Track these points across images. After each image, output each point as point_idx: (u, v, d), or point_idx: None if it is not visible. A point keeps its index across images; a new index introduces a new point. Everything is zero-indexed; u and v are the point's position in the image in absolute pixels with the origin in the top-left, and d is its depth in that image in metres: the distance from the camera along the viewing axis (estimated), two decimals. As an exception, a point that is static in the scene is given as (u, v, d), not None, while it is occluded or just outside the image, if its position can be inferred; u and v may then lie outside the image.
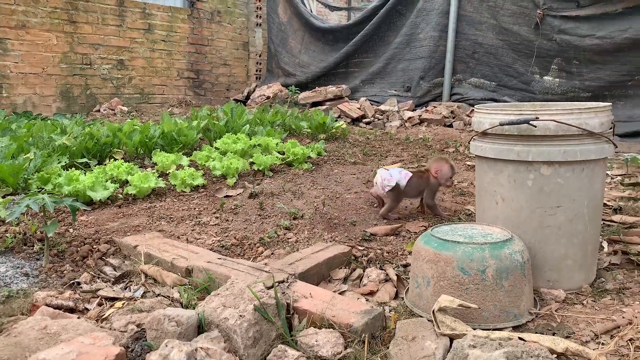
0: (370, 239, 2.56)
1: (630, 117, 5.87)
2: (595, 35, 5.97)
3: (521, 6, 6.39)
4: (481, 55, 6.80)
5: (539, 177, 1.94)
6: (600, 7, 5.96)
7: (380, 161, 4.44)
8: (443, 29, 6.89)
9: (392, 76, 7.45)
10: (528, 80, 6.50)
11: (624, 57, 5.90)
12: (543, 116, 1.87)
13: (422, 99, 7.12)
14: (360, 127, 6.51)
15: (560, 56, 6.28)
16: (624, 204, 3.10)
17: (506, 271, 1.72)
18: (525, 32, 6.41)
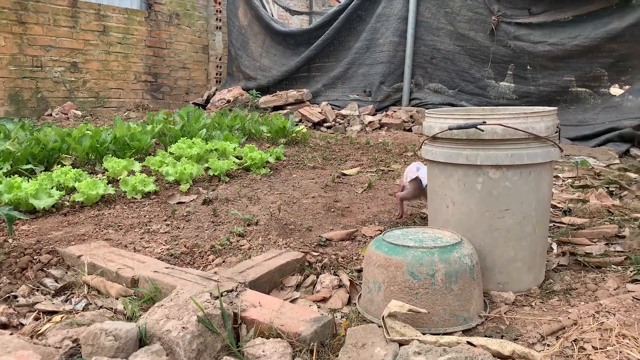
0: (326, 245, 2.53)
1: (581, 121, 6.06)
2: (547, 42, 6.15)
3: (477, 13, 6.53)
4: (439, 61, 6.90)
5: (488, 181, 1.95)
6: (551, 15, 6.15)
7: (340, 165, 4.43)
8: (402, 35, 6.97)
9: (353, 81, 7.48)
10: (484, 86, 6.64)
11: (574, 63, 6.10)
12: (490, 120, 1.88)
13: (382, 104, 7.17)
14: (321, 131, 6.50)
15: (514, 62, 6.45)
16: (574, 206, 3.18)
17: (455, 275, 1.72)
18: (481, 38, 6.55)
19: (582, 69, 6.08)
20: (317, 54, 7.81)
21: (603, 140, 5.62)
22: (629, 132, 5.52)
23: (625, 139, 5.54)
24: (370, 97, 7.26)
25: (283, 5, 9.05)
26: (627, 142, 5.54)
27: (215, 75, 9.23)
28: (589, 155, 5.14)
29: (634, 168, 4.46)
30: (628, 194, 3.52)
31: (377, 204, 3.26)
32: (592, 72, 6.07)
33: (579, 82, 6.16)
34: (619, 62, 5.89)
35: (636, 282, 2.00)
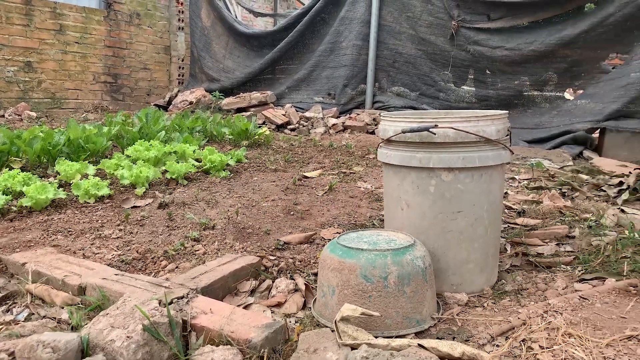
0: (284, 248, 2.51)
1: (537, 125, 6.24)
2: (505, 47, 6.30)
3: (437, 17, 6.63)
4: (401, 65, 6.98)
5: (441, 183, 1.97)
6: (509, 21, 6.31)
7: (302, 168, 4.41)
8: (365, 38, 7.02)
9: (317, 83, 7.48)
10: (445, 89, 6.76)
11: (530, 68, 6.28)
12: (442, 124, 1.90)
13: (346, 106, 7.19)
14: (284, 133, 6.47)
15: (473, 66, 6.58)
16: (528, 207, 3.25)
17: (408, 277, 1.73)
18: (441, 43, 6.66)
19: (538, 74, 6.26)
20: (281, 56, 7.78)
21: (558, 142, 5.80)
22: (582, 135, 5.71)
23: (579, 142, 5.73)
24: (334, 99, 7.28)
25: (246, 6, 8.98)
26: (581, 145, 5.73)
27: (178, 76, 9.08)
28: (544, 158, 5.30)
29: (586, 170, 4.62)
30: (579, 195, 3.63)
31: (338, 206, 3.26)
32: (547, 77, 6.26)
33: (535, 87, 6.35)
34: (572, 67, 6.09)
35: (583, 282, 2.06)
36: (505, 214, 3.15)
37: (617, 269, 2.09)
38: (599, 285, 1.99)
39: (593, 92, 5.91)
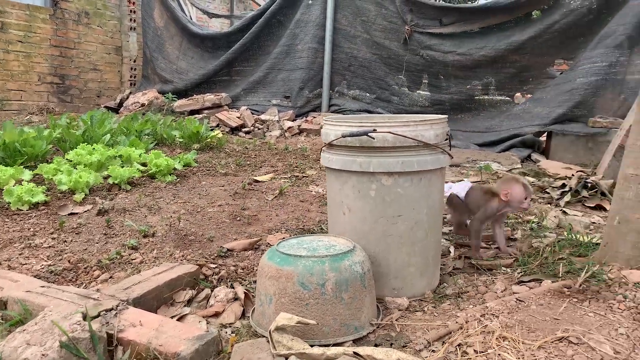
0: (227, 255, 2.44)
1: (488, 128, 6.38)
2: (456, 52, 6.43)
3: (391, 22, 6.70)
4: (357, 68, 7.01)
5: (381, 188, 1.96)
6: (460, 26, 6.44)
7: (254, 172, 4.35)
8: (320, 41, 7.01)
9: (273, 86, 7.42)
10: (399, 93, 6.83)
11: (481, 73, 6.42)
12: (381, 128, 1.89)
13: (302, 109, 7.16)
14: (239, 136, 6.37)
15: (427, 71, 6.68)
16: (474, 210, 3.29)
17: (346, 283, 1.70)
18: (395, 47, 6.73)
19: (489, 79, 6.41)
20: (236, 57, 7.67)
21: (507, 146, 5.94)
22: (530, 138, 5.88)
23: (527, 145, 5.90)
24: (291, 102, 7.24)
25: (200, 7, 8.82)
26: (529, 148, 5.89)
27: (130, 77, 8.82)
28: (494, 161, 5.41)
29: (533, 172, 4.74)
30: (524, 197, 3.71)
31: (287, 211, 3.21)
32: (497, 82, 6.42)
33: (486, 91, 6.49)
34: (521, 72, 6.27)
35: (522, 284, 2.09)
36: (452, 216, 3.19)
37: (553, 271, 2.13)
38: (536, 287, 2.02)
39: (540, 96, 6.09)
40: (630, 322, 1.70)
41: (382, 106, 6.87)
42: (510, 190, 2.32)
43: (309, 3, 7.05)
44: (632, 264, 2.05)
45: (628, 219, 2.07)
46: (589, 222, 3.07)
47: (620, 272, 2.00)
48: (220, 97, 6.98)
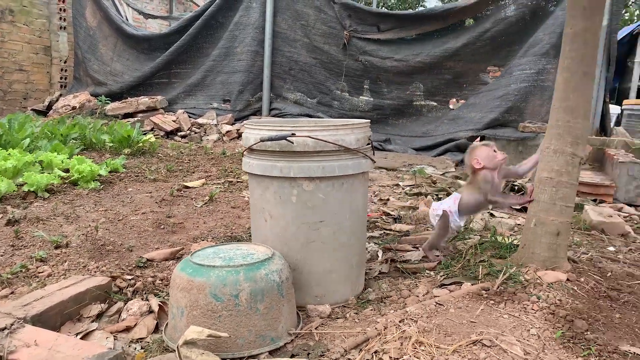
0: (146, 266, 2.32)
1: (425, 133, 6.53)
2: (394, 58, 6.53)
3: (330, 27, 6.72)
4: (297, 72, 6.98)
5: (302, 193, 1.92)
6: (397, 33, 6.55)
7: (186, 177, 4.21)
8: (260, 44, 6.94)
9: (211, 89, 7.27)
10: (340, 98, 6.86)
11: (418, 78, 6.56)
12: (301, 132, 1.85)
13: (242, 113, 7.05)
14: (174, 140, 6.19)
15: (365, 76, 6.75)
16: (405, 213, 3.33)
17: (261, 293, 1.64)
18: (334, 52, 6.75)
19: (425, 84, 6.55)
20: (173, 60, 7.46)
21: (443, 150, 6.09)
22: (464, 142, 6.05)
23: (461, 149, 6.06)
24: (230, 106, 7.11)
25: (136, 8, 8.53)
26: (463, 152, 6.04)
27: (60, 79, 8.39)
28: (429, 164, 5.52)
29: (465, 176, 4.86)
30: (455, 200, 3.79)
31: (216, 217, 3.11)
32: (434, 87, 6.57)
33: (423, 96, 6.64)
34: (456, 78, 6.45)
35: (443, 287, 2.10)
36: (382, 220, 3.20)
37: (474, 273, 2.15)
38: (457, 289, 2.03)
39: (474, 102, 6.29)
40: (542, 322, 1.74)
41: (324, 110, 6.88)
42: (477, 156, 2.30)
43: (248, 5, 6.96)
44: (547, 264, 2.10)
45: (543, 221, 2.13)
46: (514, 223, 3.16)
47: (536, 273, 2.05)
48: (156, 100, 6.75)
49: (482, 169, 2.29)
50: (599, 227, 3.13)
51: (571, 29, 2.11)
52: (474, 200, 2.34)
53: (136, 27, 8.24)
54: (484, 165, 2.28)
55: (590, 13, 2.06)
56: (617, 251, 2.77)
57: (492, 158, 2.27)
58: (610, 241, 2.95)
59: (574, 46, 2.09)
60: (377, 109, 6.79)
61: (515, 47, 6.11)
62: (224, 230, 2.89)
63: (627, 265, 2.45)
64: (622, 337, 1.68)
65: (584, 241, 2.92)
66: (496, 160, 2.27)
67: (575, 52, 2.09)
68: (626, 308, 1.87)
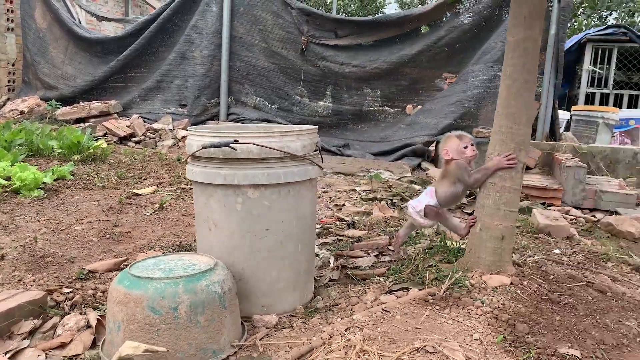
0: (88, 278, 2.23)
1: (383, 138, 6.58)
2: (352, 64, 6.57)
3: (288, 32, 6.70)
4: (255, 77, 6.93)
5: (247, 201, 1.88)
6: (354, 39, 6.59)
7: (137, 184, 4.09)
8: (217, 48, 6.84)
9: (167, 93, 7.12)
10: (299, 103, 6.84)
11: (376, 84, 6.61)
12: (244, 139, 1.82)
13: (199, 118, 6.93)
14: (128, 146, 6.02)
15: (324, 81, 6.75)
16: (359, 218, 3.33)
17: (202, 305, 1.60)
18: (293, 57, 6.74)
19: (383, 90, 6.61)
20: (128, 63, 7.27)
21: (400, 155, 6.16)
22: (420, 148, 6.13)
23: (418, 154, 6.15)
24: (187, 110, 6.98)
25: (88, 10, 8.28)
26: (419, 157, 6.15)
27: (8, 82, 8.04)
28: (386, 169, 5.57)
29: (420, 180, 4.93)
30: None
31: (165, 226, 3.03)
32: (391, 93, 6.64)
33: (381, 102, 6.69)
34: (412, 84, 6.54)
35: (391, 293, 2.10)
36: (336, 225, 3.19)
37: (422, 278, 2.17)
38: (404, 295, 2.04)
39: (430, 107, 6.39)
40: (485, 326, 1.76)
41: (283, 116, 6.84)
42: (447, 147, 2.29)
43: (204, 9, 6.86)
44: (492, 269, 2.14)
45: (488, 225, 2.16)
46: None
47: (481, 278, 2.08)
48: (109, 104, 6.56)
49: (452, 160, 2.28)
50: (545, 230, 3.21)
51: (513, 37, 2.16)
52: (450, 192, 2.30)
53: (89, 30, 8.00)
54: (453, 157, 2.28)
55: (530, 22, 2.12)
56: (562, 253, 2.85)
57: (461, 153, 2.27)
58: (556, 244, 3.03)
59: (516, 54, 2.14)
60: (336, 114, 6.81)
61: (469, 54, 6.25)
62: (173, 239, 2.81)
63: (570, 267, 2.52)
64: (561, 340, 1.72)
65: (531, 244, 2.99)
66: (465, 156, 2.27)
67: (517, 60, 2.14)
68: (566, 310, 1.92)
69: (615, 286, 2.25)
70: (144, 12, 10.68)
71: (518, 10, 2.14)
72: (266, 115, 6.87)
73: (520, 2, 2.13)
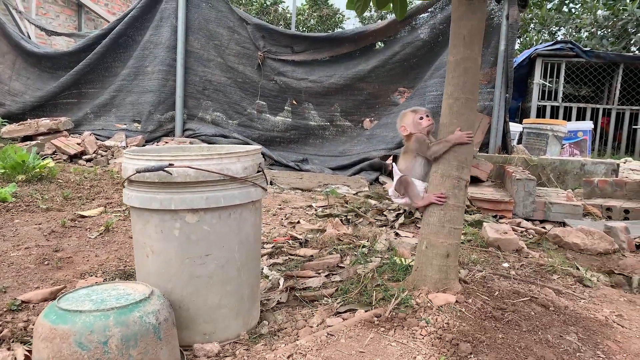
0: (20, 309, 2.11)
1: (342, 152, 6.60)
2: (308, 79, 6.59)
3: (244, 47, 6.67)
4: (211, 92, 6.85)
5: (186, 226, 1.82)
6: (310, 55, 6.62)
7: (84, 205, 3.94)
8: (172, 64, 6.74)
9: (121, 109, 6.94)
10: (256, 118, 6.79)
11: (333, 99, 6.65)
12: (181, 162, 1.76)
13: (153, 134, 6.78)
14: (79, 164, 5.82)
15: (282, 96, 6.74)
16: (312, 236, 3.30)
17: (134, 338, 1.52)
18: (249, 72, 6.70)
19: (340, 105, 6.65)
20: (80, 79, 7.06)
21: (358, 169, 6.19)
22: (377, 162, 6.18)
23: (375, 168, 6.19)
24: (141, 127, 6.82)
25: (37, 24, 8.03)
26: (377, 171, 6.19)
27: (-50, 98, 7.67)
28: (344, 184, 5.57)
29: (376, 195, 4.95)
30: (363, 220, 3.83)
31: (110, 249, 2.92)
32: (348, 108, 6.69)
33: (339, 117, 6.73)
34: (368, 99, 6.61)
35: (338, 315, 2.07)
36: (289, 244, 3.15)
37: (369, 299, 2.15)
38: (350, 317, 2.01)
39: (386, 122, 6.46)
40: (429, 347, 1.75)
41: (240, 131, 6.78)
42: (404, 123, 2.32)
43: (158, 24, 6.76)
44: (438, 286, 2.14)
45: (433, 243, 2.17)
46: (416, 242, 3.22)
47: (427, 296, 2.08)
48: (59, 121, 6.34)
49: (412, 135, 2.31)
50: (495, 244, 3.26)
51: (453, 57, 2.20)
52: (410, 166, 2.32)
53: (38, 45, 7.74)
54: (411, 132, 2.31)
55: (470, 42, 2.16)
56: (510, 267, 2.90)
57: (417, 124, 2.30)
58: (505, 257, 3.08)
59: (456, 74, 2.17)
60: (294, 129, 6.80)
61: (423, 69, 6.37)
62: (117, 263, 2.71)
63: (517, 281, 2.56)
64: (503, 358, 1.73)
65: (481, 258, 3.03)
66: (421, 126, 2.29)
67: (457, 79, 2.17)
68: (509, 327, 1.93)
69: (558, 300, 2.30)
70: (98, 26, 10.45)
71: (457, 30, 2.17)
72: (223, 130, 6.79)
73: (460, 22, 2.16)
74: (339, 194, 4.79)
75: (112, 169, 5.57)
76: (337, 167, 6.35)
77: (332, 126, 6.77)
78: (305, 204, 4.52)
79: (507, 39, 5.86)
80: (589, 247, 3.44)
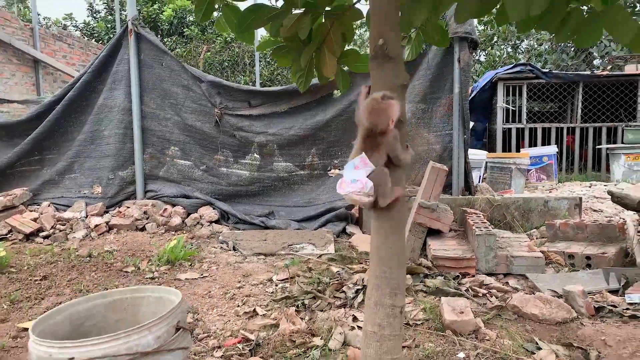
0: None
1: (307, 202, 6.54)
2: (268, 132, 6.53)
3: (201, 105, 6.60)
4: (171, 151, 6.75)
5: (98, 411, 1.72)
6: (268, 107, 6.57)
7: (32, 308, 3.79)
8: (128, 126, 6.63)
9: (80, 175, 6.79)
10: (217, 174, 6.70)
11: (295, 150, 6.60)
12: (86, 349, 1.67)
13: (115, 199, 6.64)
14: (36, 243, 5.66)
15: (242, 150, 6.67)
16: (265, 336, 3.19)
17: None
18: (208, 129, 6.62)
19: (302, 155, 6.60)
20: (34, 147, 6.88)
21: (324, 221, 6.12)
22: (343, 212, 6.13)
23: (341, 218, 6.14)
24: (101, 192, 6.68)
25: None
26: (343, 221, 6.14)
27: None
28: (309, 241, 5.49)
29: (340, 257, 4.86)
30: (321, 303, 3.73)
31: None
32: (311, 157, 6.63)
33: (301, 167, 6.67)
34: (330, 147, 6.57)
35: None
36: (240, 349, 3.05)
37: None
38: None
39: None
40: None
41: (201, 188, 6.68)
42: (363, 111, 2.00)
43: (111, 87, 6.65)
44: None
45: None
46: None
47: None
48: (13, 196, 6.17)
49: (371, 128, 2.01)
50: (452, 326, 3.20)
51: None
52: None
53: (-10, 113, 7.57)
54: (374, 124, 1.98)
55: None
56: (467, 357, 2.84)
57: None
58: (461, 344, 3.02)
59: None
60: (258, 182, 6.72)
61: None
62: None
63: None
64: None
65: (437, 347, 2.96)
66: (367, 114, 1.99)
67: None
68: None
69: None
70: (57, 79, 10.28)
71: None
72: (185, 189, 6.68)
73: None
74: (303, 258, 4.70)
75: (71, 246, 5.42)
76: (303, 219, 6.28)
77: (295, 176, 6.72)
78: (266, 277, 4.42)
79: (461, 82, 5.88)
80: (547, 317, 3.40)
